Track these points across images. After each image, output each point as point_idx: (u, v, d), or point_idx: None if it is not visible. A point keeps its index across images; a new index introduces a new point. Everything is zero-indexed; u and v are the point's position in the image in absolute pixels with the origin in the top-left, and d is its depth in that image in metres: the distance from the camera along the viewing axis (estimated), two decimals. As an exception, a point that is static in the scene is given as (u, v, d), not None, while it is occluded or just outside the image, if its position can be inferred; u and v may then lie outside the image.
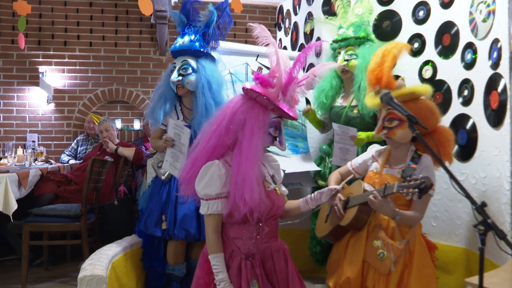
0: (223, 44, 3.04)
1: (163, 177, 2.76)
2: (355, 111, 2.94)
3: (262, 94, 1.72)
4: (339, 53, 3.03)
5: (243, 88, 1.77)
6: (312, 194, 1.92)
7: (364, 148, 2.85)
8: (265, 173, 1.87)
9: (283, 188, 1.98)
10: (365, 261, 2.19)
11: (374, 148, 2.51)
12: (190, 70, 2.73)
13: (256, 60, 3.15)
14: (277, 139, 1.83)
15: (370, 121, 2.88)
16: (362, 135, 2.77)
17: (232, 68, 3.05)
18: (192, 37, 2.77)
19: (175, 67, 2.76)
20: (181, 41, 2.79)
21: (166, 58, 5.68)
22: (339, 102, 3.08)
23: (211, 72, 2.76)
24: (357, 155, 2.83)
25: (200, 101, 2.69)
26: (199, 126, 2.60)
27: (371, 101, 2.38)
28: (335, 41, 3.08)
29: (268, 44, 1.81)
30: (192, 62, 2.74)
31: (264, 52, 1.82)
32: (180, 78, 2.72)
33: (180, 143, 2.66)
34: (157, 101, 2.78)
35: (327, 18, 3.33)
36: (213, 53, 2.86)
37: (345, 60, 2.97)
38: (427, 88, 2.30)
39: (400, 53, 2.46)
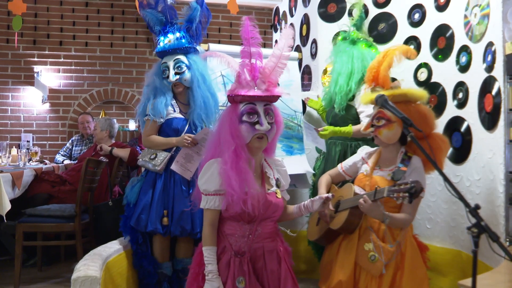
0: (213, 47, 3.08)
1: (157, 168, 2.70)
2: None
3: (228, 94, 1.88)
4: None
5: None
6: (305, 202, 1.98)
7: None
8: (270, 175, 1.94)
9: (287, 195, 2.04)
10: (356, 263, 2.19)
11: (364, 150, 2.51)
12: (184, 68, 2.76)
13: None
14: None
15: (347, 116, 2.92)
16: (327, 130, 2.84)
17: (224, 70, 3.03)
18: (178, 34, 2.79)
19: (167, 67, 2.76)
20: (167, 40, 2.79)
21: (162, 59, 5.68)
22: None
23: (202, 66, 2.83)
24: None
25: (198, 95, 2.75)
26: (198, 118, 2.72)
27: (366, 97, 2.37)
28: None
29: (228, 61, 1.94)
30: (184, 59, 2.77)
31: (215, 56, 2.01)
32: (178, 77, 2.74)
33: (202, 145, 2.66)
34: (154, 97, 2.75)
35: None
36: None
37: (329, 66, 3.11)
38: (423, 93, 2.27)
39: (402, 55, 2.45)
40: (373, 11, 3.33)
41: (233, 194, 1.76)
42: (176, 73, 2.74)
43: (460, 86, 2.71)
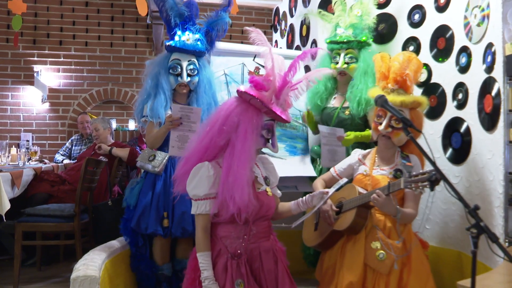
0: (218, 45, 3.04)
1: (157, 169, 2.67)
2: (347, 112, 2.95)
3: (256, 97, 1.74)
4: (338, 54, 3.00)
5: (238, 91, 1.80)
6: (304, 197, 1.94)
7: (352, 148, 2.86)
8: (257, 174, 1.90)
9: (278, 191, 2.01)
10: (364, 263, 2.19)
11: (357, 152, 2.54)
12: (196, 71, 2.75)
13: (254, 60, 3.11)
14: (270, 141, 1.86)
15: (360, 122, 2.90)
16: (351, 135, 2.77)
17: (227, 69, 3.03)
18: (197, 36, 2.77)
19: (179, 65, 2.73)
20: (185, 37, 2.75)
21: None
22: (332, 103, 3.08)
23: (210, 73, 2.84)
24: (346, 155, 2.82)
25: (203, 99, 2.75)
26: None
27: (376, 93, 2.35)
28: (336, 42, 3.02)
29: (265, 47, 1.84)
30: (196, 63, 2.78)
31: (261, 53, 1.85)
32: (189, 79, 2.74)
33: (189, 122, 2.58)
34: (155, 96, 2.71)
35: (320, 12, 3.27)
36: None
37: (345, 63, 2.96)
38: (427, 101, 2.47)
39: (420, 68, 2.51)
40: (373, 12, 3.33)
41: (228, 204, 1.70)
42: (188, 75, 2.73)
43: (460, 87, 2.71)
